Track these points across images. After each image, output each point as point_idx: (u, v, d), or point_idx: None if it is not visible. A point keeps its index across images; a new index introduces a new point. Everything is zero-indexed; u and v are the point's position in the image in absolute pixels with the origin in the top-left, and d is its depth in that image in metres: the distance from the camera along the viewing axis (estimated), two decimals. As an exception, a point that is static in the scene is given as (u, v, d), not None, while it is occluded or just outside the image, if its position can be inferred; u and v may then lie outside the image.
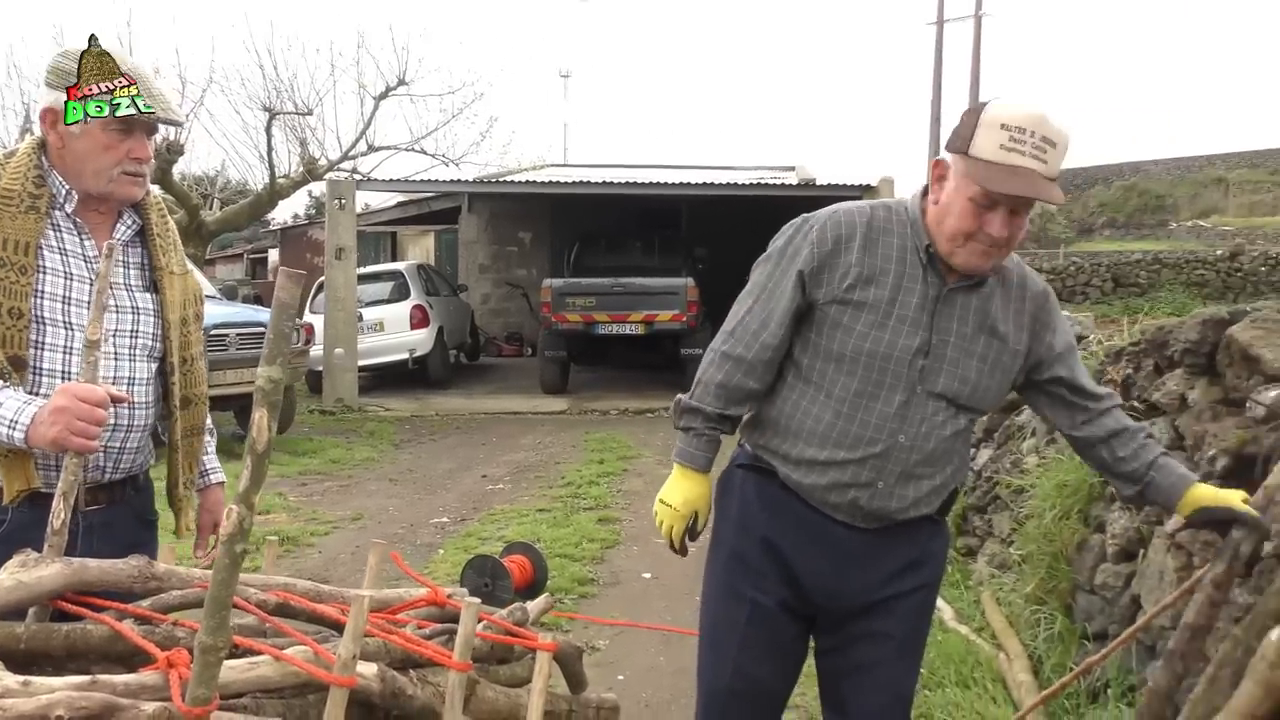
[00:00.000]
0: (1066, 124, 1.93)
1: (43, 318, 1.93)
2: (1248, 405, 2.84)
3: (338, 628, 1.83)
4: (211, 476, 2.43)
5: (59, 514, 1.76)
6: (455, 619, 2.07)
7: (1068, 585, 3.63)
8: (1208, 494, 2.14)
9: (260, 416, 1.41)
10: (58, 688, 1.38)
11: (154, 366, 2.11)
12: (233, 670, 1.58)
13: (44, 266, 1.93)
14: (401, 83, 14.43)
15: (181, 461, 2.21)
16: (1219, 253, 23.45)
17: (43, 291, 1.93)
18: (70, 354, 1.95)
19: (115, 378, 2.01)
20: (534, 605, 2.30)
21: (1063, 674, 3.26)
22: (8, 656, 1.47)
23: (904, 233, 2.04)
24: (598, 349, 12.92)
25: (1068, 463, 3.80)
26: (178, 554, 2.13)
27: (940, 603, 4.36)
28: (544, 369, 13.22)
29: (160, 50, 24.57)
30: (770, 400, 2.13)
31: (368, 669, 1.72)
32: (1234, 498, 2.14)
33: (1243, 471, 2.79)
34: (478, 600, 1.84)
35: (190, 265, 2.35)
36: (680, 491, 2.14)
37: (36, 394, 1.91)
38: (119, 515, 2.07)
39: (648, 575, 5.28)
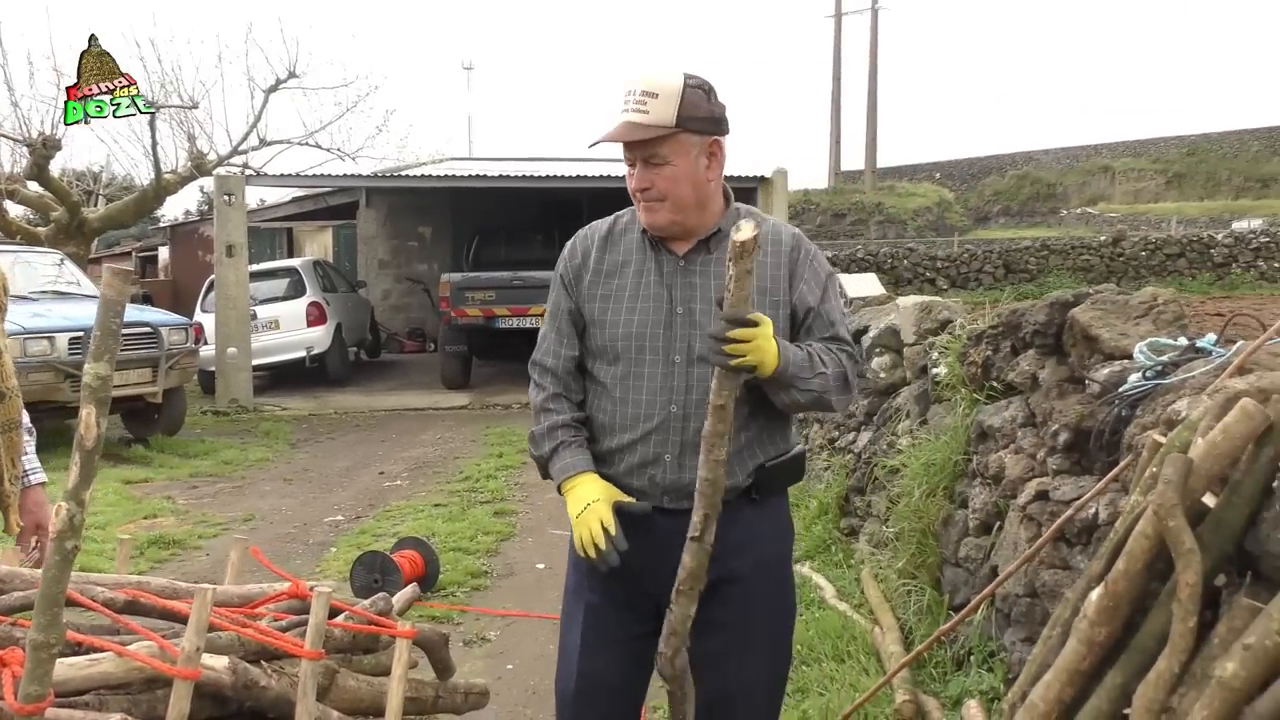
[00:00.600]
0: (673, 75, 2.03)
1: None
2: (1086, 383, 3.01)
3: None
4: (32, 477, 2.35)
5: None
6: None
7: (936, 559, 3.79)
8: None
9: (88, 413, 1.42)
10: (-118, 691, 1.37)
11: None
12: (72, 668, 1.59)
13: None
14: (292, 75, 14.11)
15: (3, 457, 2.16)
16: (1103, 239, 24.39)
17: None
18: None
19: None
20: (400, 595, 2.33)
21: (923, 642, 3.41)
22: None
23: (639, 225, 2.18)
24: (499, 343, 12.88)
25: (935, 443, 3.95)
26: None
27: (821, 581, 4.51)
28: (445, 364, 13.13)
29: (34, 42, 23.44)
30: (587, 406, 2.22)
31: (218, 661, 1.74)
32: None
33: (1081, 444, 2.96)
34: (328, 589, 1.86)
35: None
36: (577, 500, 2.08)
37: None
38: None
39: (541, 566, 5.33)
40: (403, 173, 15.94)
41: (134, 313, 9.58)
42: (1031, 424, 3.38)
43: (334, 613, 2.05)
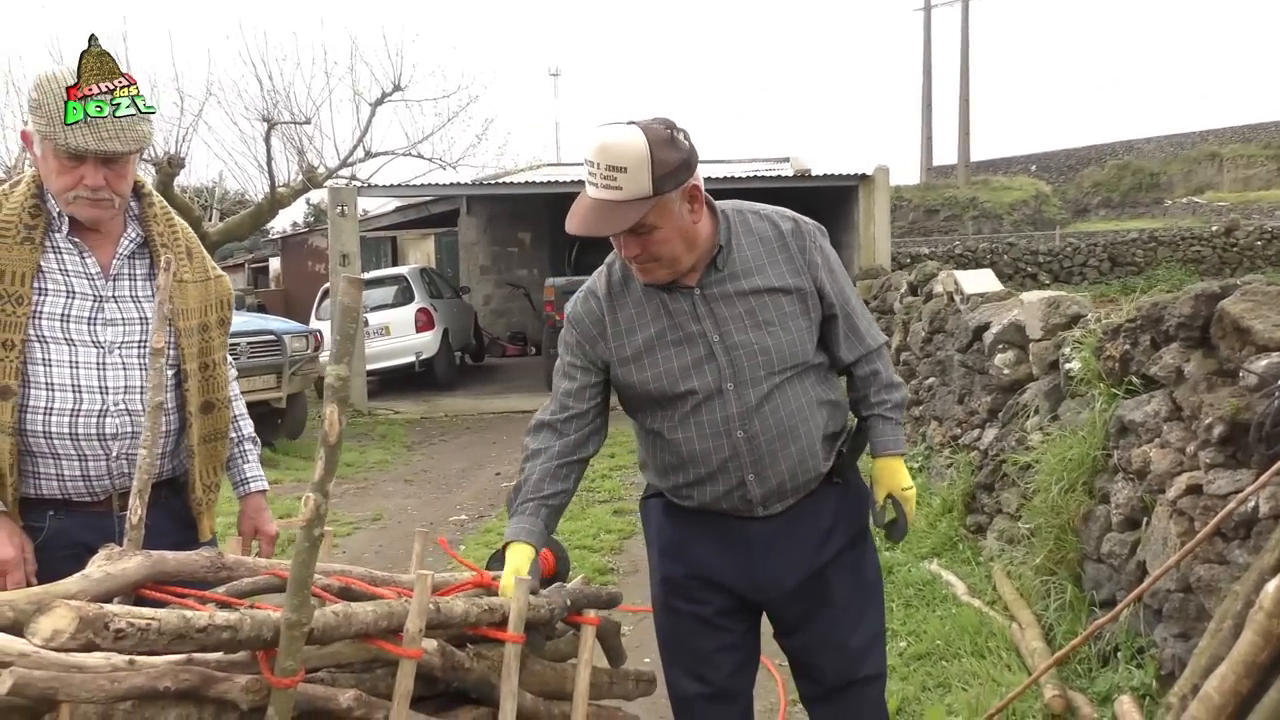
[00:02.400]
0: (635, 140, 1.90)
1: (44, 337, 2.04)
2: (1241, 374, 2.97)
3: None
4: (252, 484, 2.51)
5: (135, 510, 1.89)
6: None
7: (1076, 555, 3.76)
8: (878, 472, 2.27)
9: (331, 410, 1.54)
10: (160, 664, 1.51)
11: (169, 373, 2.16)
12: (310, 647, 1.71)
13: (44, 289, 2.04)
14: (397, 88, 14.54)
15: (199, 466, 2.28)
16: (1214, 229, 23.55)
17: (41, 312, 2.03)
18: (76, 367, 2.07)
19: (126, 386, 2.11)
20: (573, 585, 2.44)
21: (1073, 639, 3.39)
22: (108, 639, 1.60)
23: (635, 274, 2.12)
24: None
25: (1071, 438, 3.93)
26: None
27: (952, 578, 4.50)
28: (550, 367, 13.32)
29: (158, 64, 24.71)
30: (639, 445, 2.31)
31: (429, 644, 1.85)
32: (880, 490, 2.26)
33: (1237, 437, 2.92)
34: (529, 578, 1.97)
35: (219, 270, 2.41)
36: (505, 561, 2.09)
37: (50, 409, 2.05)
38: (155, 517, 2.01)
39: (665, 563, 5.42)
40: (502, 180, 16.25)
41: (258, 321, 9.99)
42: (1177, 418, 3.34)
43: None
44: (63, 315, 2.06)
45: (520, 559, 2.05)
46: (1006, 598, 4.08)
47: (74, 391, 2.05)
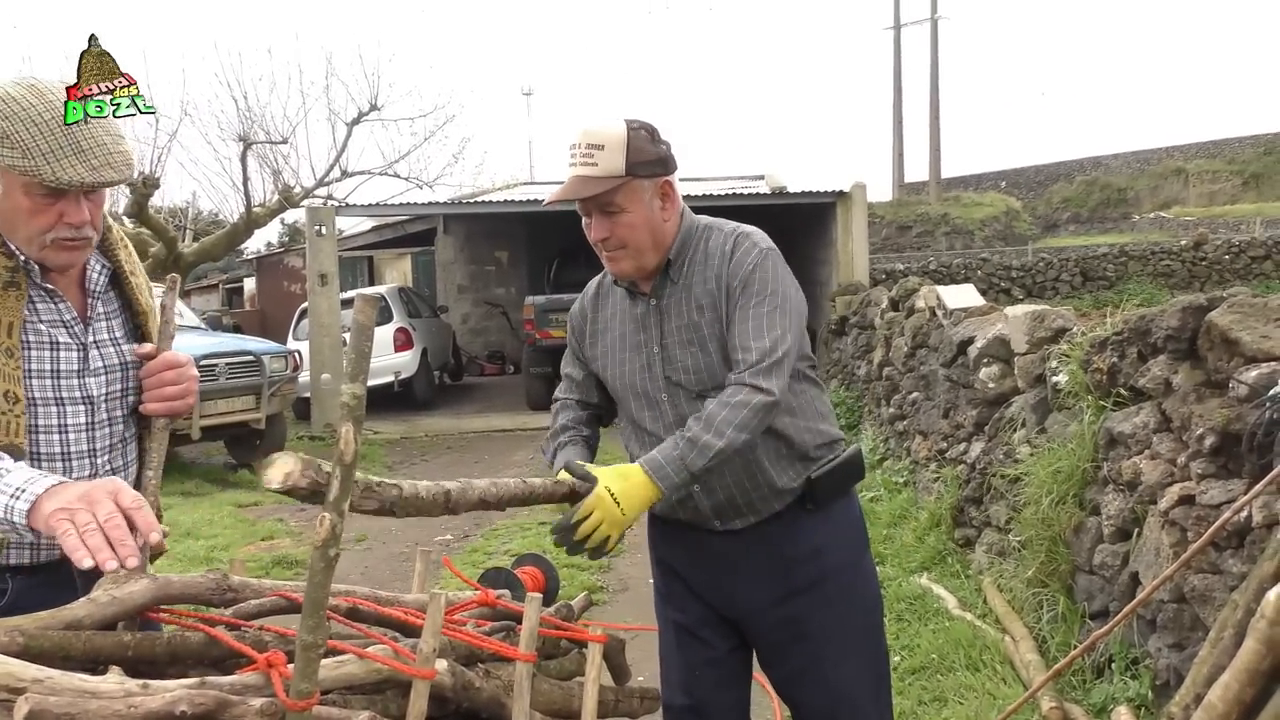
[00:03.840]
0: (615, 124, 2.09)
1: (34, 399, 1.79)
2: (1230, 385, 3.00)
3: (401, 629, 1.95)
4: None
5: (138, 535, 1.86)
6: (504, 618, 2.19)
7: (1067, 567, 3.79)
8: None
9: (347, 429, 1.53)
10: (173, 689, 1.49)
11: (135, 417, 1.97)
12: (323, 668, 1.69)
13: (28, 342, 1.78)
14: (374, 108, 14.55)
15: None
16: (1183, 243, 23.87)
17: (30, 370, 1.79)
18: (66, 432, 1.84)
19: (111, 445, 1.91)
20: (576, 602, 2.42)
21: (1067, 652, 3.41)
22: (117, 662, 1.58)
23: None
24: None
25: (1060, 450, 3.96)
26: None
27: (942, 592, 4.52)
28: (529, 386, 13.32)
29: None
30: None
31: (440, 664, 1.83)
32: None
33: (1229, 447, 2.96)
34: (539, 595, 1.96)
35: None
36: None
37: None
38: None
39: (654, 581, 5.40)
40: (478, 199, 16.25)
41: (236, 342, 9.92)
42: (1167, 429, 3.37)
43: (519, 619, 2.14)
44: (52, 371, 1.83)
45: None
46: (998, 611, 4.09)
47: (63, 460, 1.84)
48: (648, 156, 2.09)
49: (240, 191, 13.51)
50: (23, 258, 1.77)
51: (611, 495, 1.99)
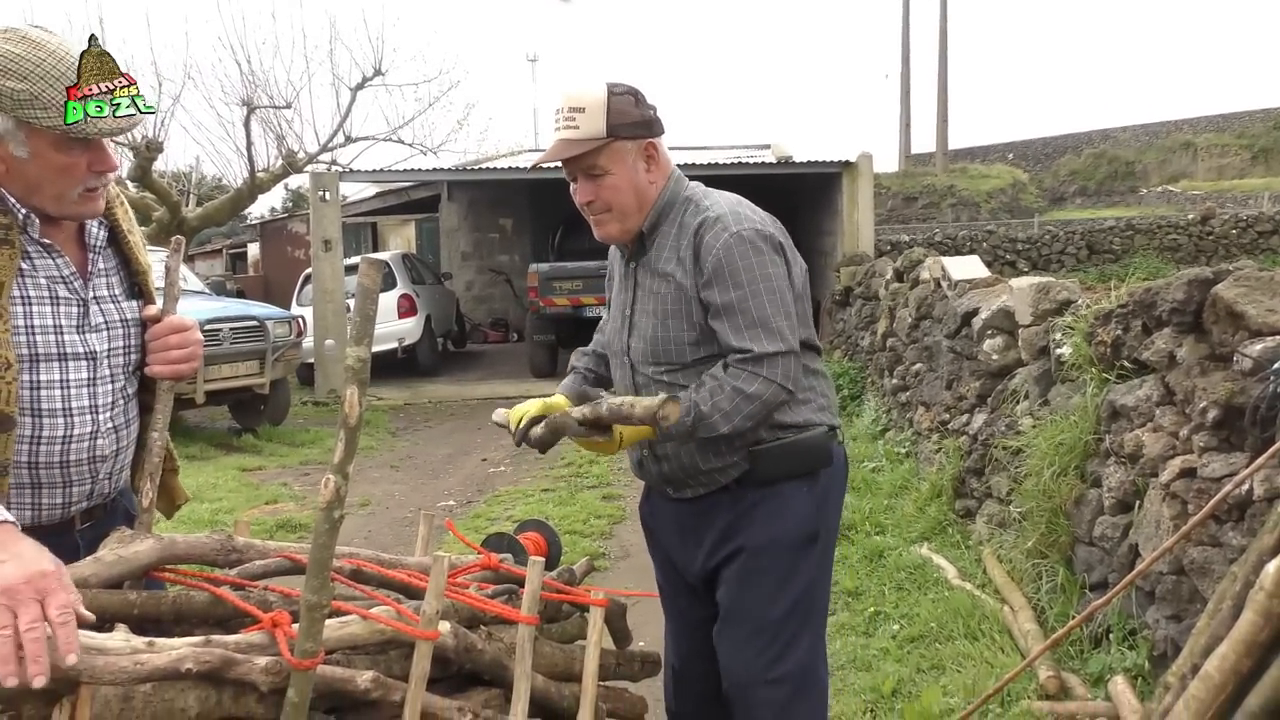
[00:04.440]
0: (596, 87, 2.10)
1: (36, 354, 1.78)
2: (1235, 359, 3.00)
3: (404, 591, 1.96)
4: None
5: (147, 494, 1.87)
6: (506, 582, 2.21)
7: (1067, 539, 3.80)
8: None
9: (352, 392, 1.53)
10: (179, 647, 1.50)
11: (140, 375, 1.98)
12: (327, 629, 1.71)
13: (28, 297, 1.78)
14: (378, 73, 14.47)
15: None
16: (1190, 217, 23.75)
17: (34, 325, 1.78)
18: (68, 388, 1.83)
19: (113, 401, 1.91)
20: (579, 566, 2.44)
21: (1066, 622, 3.43)
22: (123, 620, 1.59)
23: None
24: (585, 331, 13.01)
25: (1062, 422, 3.96)
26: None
27: (942, 562, 4.54)
28: (533, 353, 13.32)
29: (136, 49, 24.47)
30: None
31: (443, 626, 1.85)
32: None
33: (1232, 421, 2.96)
34: (543, 559, 1.98)
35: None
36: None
37: (39, 438, 1.79)
38: (112, 522, 1.91)
39: (656, 548, 5.44)
40: (483, 165, 16.18)
41: (241, 307, 9.92)
42: (1170, 402, 3.37)
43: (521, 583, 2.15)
44: (55, 326, 1.81)
45: (555, 400, 2.29)
46: (997, 581, 4.11)
47: (65, 416, 1.83)
48: (630, 119, 2.10)
49: (244, 156, 13.46)
50: (22, 213, 1.77)
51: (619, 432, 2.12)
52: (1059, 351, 4.26)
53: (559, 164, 2.14)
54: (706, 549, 2.27)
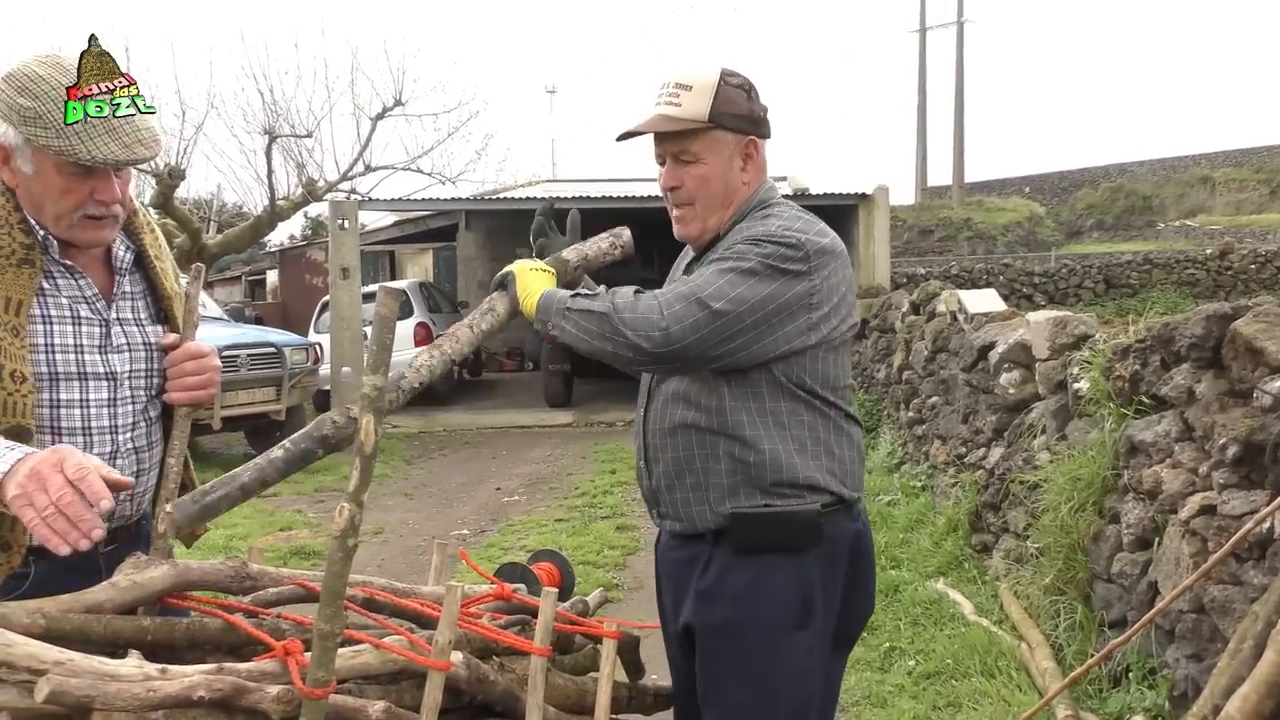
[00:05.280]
0: (709, 68, 1.95)
1: (56, 373, 1.80)
2: (1254, 395, 2.97)
3: (417, 620, 1.96)
4: None
5: (162, 520, 1.87)
6: (519, 612, 2.20)
7: (1085, 575, 3.76)
8: None
9: (367, 421, 1.54)
10: (191, 674, 1.50)
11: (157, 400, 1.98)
12: (340, 658, 1.70)
13: (49, 316, 1.80)
14: (398, 103, 14.59)
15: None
16: (1208, 252, 23.65)
17: (54, 345, 1.80)
18: (88, 407, 1.84)
19: (134, 422, 1.91)
20: (592, 598, 2.43)
21: (1084, 660, 3.39)
22: (137, 646, 1.59)
23: None
24: (600, 362, 13.03)
25: (1080, 457, 3.93)
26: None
27: (958, 597, 4.50)
28: (548, 382, 13.33)
29: (160, 75, 24.81)
30: None
31: (455, 656, 1.84)
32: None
33: (1252, 458, 2.93)
34: (555, 589, 1.96)
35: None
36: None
37: None
38: (136, 546, 1.91)
39: (669, 579, 5.41)
40: (501, 195, 16.29)
41: (258, 334, 9.98)
42: (1189, 438, 3.35)
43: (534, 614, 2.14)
44: (75, 346, 1.83)
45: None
46: (1014, 617, 4.07)
47: (84, 435, 1.84)
48: (737, 109, 1.94)
49: (264, 184, 13.58)
50: (41, 234, 1.78)
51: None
52: (1076, 386, 4.24)
53: (651, 137, 1.97)
54: (687, 600, 2.08)
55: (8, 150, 1.74)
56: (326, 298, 13.20)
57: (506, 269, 2.03)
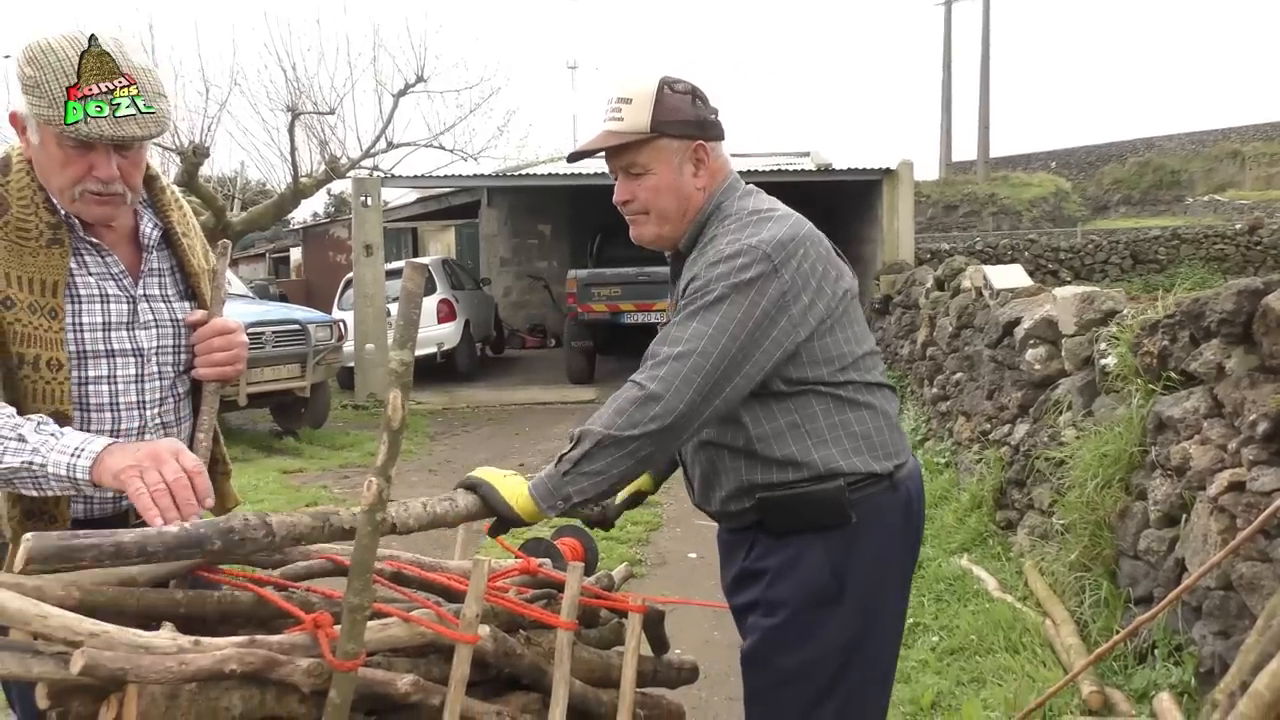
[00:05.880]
0: (648, 79, 1.95)
1: (85, 351, 1.82)
2: (1286, 371, 2.94)
3: (444, 594, 1.97)
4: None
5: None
6: (545, 586, 2.21)
7: (1111, 552, 3.74)
8: None
9: (395, 396, 1.54)
10: (223, 646, 1.52)
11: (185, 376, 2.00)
12: (369, 631, 1.72)
13: (78, 295, 1.82)
14: (420, 79, 14.58)
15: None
16: (1238, 227, 23.32)
17: (82, 324, 1.82)
18: (115, 383, 1.86)
19: (161, 398, 1.93)
20: (617, 573, 2.44)
21: (1109, 637, 3.38)
22: (170, 619, 1.61)
23: None
24: (623, 338, 13.05)
25: (1107, 434, 3.90)
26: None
27: (983, 574, 4.48)
28: (570, 359, 13.35)
29: (184, 55, 24.87)
30: None
31: (482, 630, 1.85)
32: None
33: (1284, 434, 2.90)
34: (581, 564, 1.98)
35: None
36: None
37: (86, 431, 1.80)
38: None
39: (693, 555, 5.42)
40: (523, 172, 16.27)
41: (283, 311, 10.03)
42: (1218, 414, 3.32)
43: (560, 588, 2.16)
44: (104, 324, 1.85)
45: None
46: (1039, 594, 4.06)
47: (112, 411, 1.86)
48: (681, 116, 1.94)
49: (288, 162, 13.63)
50: (63, 212, 1.79)
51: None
52: (1104, 362, 4.21)
53: (602, 156, 2.02)
54: (727, 585, 2.19)
55: (22, 120, 1.77)
56: (350, 275, 13.26)
57: (472, 475, 2.03)
